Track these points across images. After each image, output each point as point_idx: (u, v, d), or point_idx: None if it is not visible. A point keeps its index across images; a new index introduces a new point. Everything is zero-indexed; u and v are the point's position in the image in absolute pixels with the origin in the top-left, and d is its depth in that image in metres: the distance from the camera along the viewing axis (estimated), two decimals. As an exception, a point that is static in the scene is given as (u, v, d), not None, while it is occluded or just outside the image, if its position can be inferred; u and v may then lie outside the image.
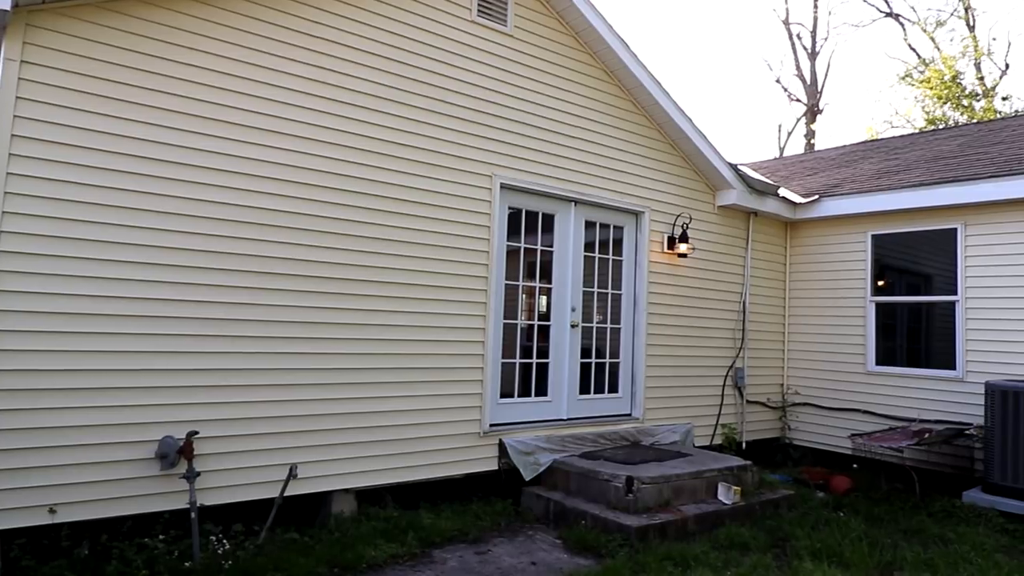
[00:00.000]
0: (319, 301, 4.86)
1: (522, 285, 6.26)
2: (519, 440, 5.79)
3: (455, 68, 5.66)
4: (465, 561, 4.49)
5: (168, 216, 4.28)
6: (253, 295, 4.58)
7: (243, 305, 4.54)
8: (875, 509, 6.05)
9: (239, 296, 4.53)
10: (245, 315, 4.55)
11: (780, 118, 44.01)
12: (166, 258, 4.26)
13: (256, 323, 4.59)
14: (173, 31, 4.34)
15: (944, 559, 4.68)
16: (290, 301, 4.73)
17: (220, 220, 4.46)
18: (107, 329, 4.06)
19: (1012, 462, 5.85)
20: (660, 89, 6.87)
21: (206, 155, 4.43)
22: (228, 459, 4.44)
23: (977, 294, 6.95)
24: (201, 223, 4.39)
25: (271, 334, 4.65)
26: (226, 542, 4.21)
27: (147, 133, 4.22)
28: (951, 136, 9.66)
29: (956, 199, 7.00)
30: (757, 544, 4.91)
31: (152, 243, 4.21)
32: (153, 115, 4.25)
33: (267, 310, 4.64)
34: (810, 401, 8.17)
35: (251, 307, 4.57)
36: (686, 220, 7.25)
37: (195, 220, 4.37)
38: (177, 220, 4.31)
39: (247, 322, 4.55)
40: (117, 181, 4.11)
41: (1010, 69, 26.45)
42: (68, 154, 3.97)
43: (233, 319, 4.50)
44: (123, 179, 4.13)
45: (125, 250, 4.12)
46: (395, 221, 5.25)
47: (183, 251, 4.32)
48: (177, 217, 4.31)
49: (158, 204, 4.24)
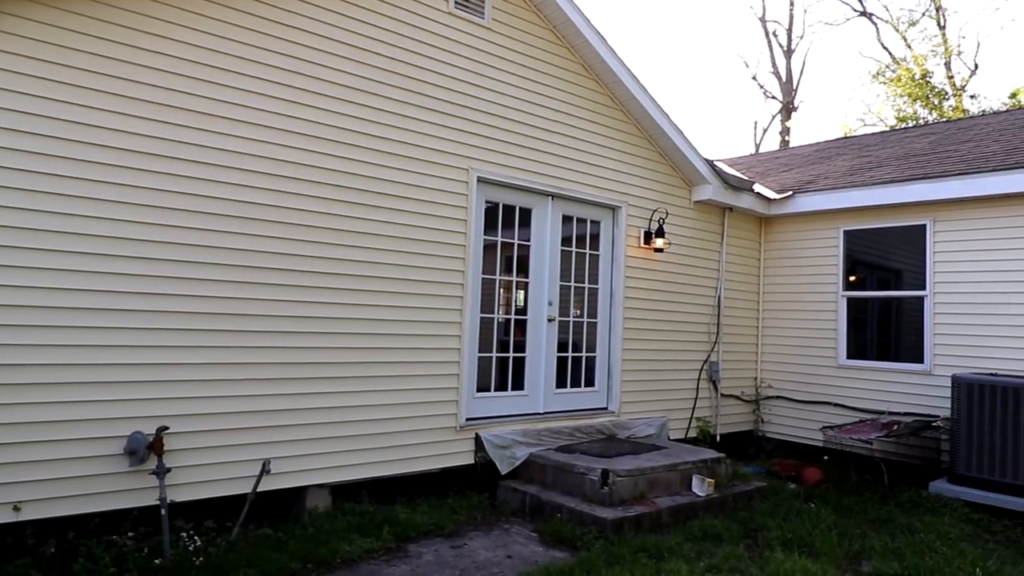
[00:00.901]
0: (291, 294, 4.80)
1: (499, 279, 6.25)
2: (495, 434, 5.79)
3: (432, 60, 5.62)
4: (441, 555, 4.49)
5: (136, 207, 4.18)
6: (224, 288, 4.51)
7: (214, 299, 4.47)
8: (845, 500, 6.16)
9: (210, 289, 4.45)
10: (216, 308, 4.48)
11: (756, 115, 44.55)
12: (133, 250, 4.17)
13: (228, 316, 4.52)
14: (143, 18, 4.24)
15: (911, 548, 4.78)
16: (262, 294, 4.67)
17: (190, 212, 4.38)
18: (72, 323, 3.97)
19: (977, 453, 5.99)
20: (637, 84, 6.89)
21: (176, 146, 4.34)
22: (199, 455, 4.37)
23: (945, 289, 7.09)
24: (170, 214, 4.31)
25: (244, 328, 4.58)
26: (197, 539, 4.15)
27: (111, 122, 4.12)
28: (922, 134, 9.83)
29: (925, 196, 7.13)
30: (730, 535, 4.97)
31: (119, 235, 4.12)
32: (118, 104, 4.15)
33: (239, 303, 4.57)
34: (783, 394, 8.29)
35: (223, 300, 4.50)
36: (662, 215, 7.29)
37: (165, 211, 4.29)
38: (145, 211, 4.22)
39: (218, 315, 4.48)
40: (80, 171, 4.01)
41: (979, 69, 26.96)
42: (26, 142, 3.86)
43: (203, 312, 4.42)
44: (87, 169, 4.03)
45: (89, 241, 4.02)
46: (370, 214, 5.21)
47: (151, 243, 4.24)
48: (145, 208, 4.22)
49: (126, 195, 4.15)
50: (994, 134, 8.39)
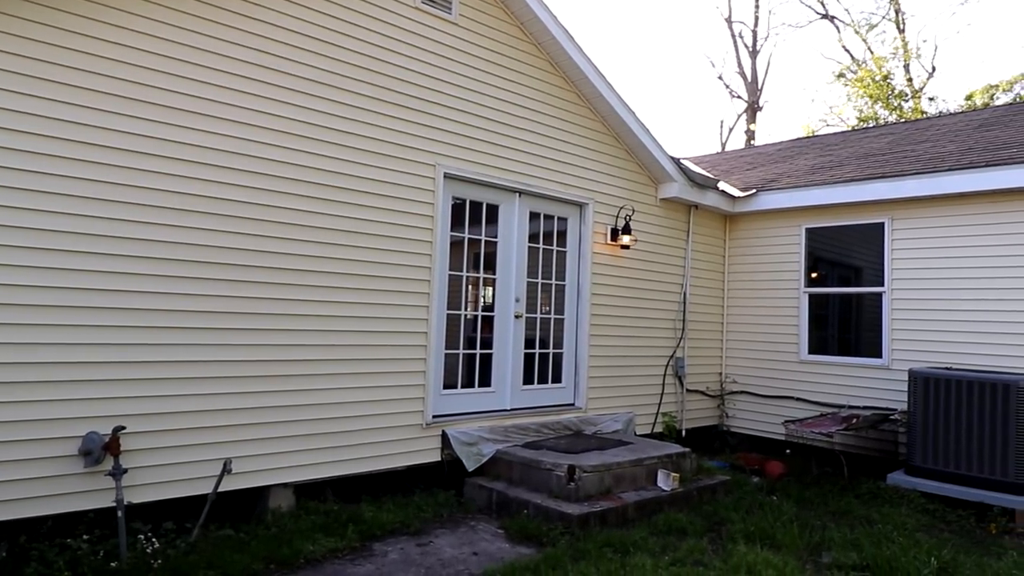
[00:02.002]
0: (254, 291, 4.72)
1: (466, 276, 6.23)
2: (462, 431, 5.78)
3: (398, 55, 5.57)
4: (406, 553, 4.46)
5: (93, 202, 4.06)
6: (184, 284, 4.41)
7: (173, 295, 4.37)
8: (806, 492, 6.28)
9: (169, 285, 4.35)
10: (175, 305, 4.37)
11: (722, 114, 45.09)
12: (86, 245, 4.05)
13: (187, 313, 4.42)
14: (105, 9, 4.12)
15: (869, 539, 4.89)
16: (223, 291, 4.58)
17: (151, 207, 4.27)
18: (21, 320, 3.84)
19: (932, 445, 6.16)
20: (604, 82, 6.92)
21: (135, 139, 4.22)
22: (158, 455, 4.27)
23: (902, 286, 7.27)
24: (130, 209, 4.20)
25: (203, 325, 4.49)
26: (156, 541, 4.06)
27: (73, 115, 4.00)
28: (881, 134, 10.06)
29: (884, 195, 7.30)
30: (694, 529, 5.03)
31: (69, 229, 4.00)
32: (78, 96, 4.02)
33: (198, 300, 4.47)
34: (747, 389, 8.42)
35: (182, 297, 4.40)
36: (629, 212, 7.34)
37: (122, 206, 4.17)
38: (102, 206, 4.10)
39: (178, 312, 4.38)
40: (34, 164, 3.88)
41: (936, 72, 27.73)
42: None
43: (162, 309, 4.32)
44: (42, 162, 3.91)
45: (37, 236, 3.89)
46: (335, 210, 5.14)
47: (110, 238, 4.12)
48: (102, 203, 4.10)
49: (81, 189, 4.03)
50: (950, 135, 8.62)
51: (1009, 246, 6.58)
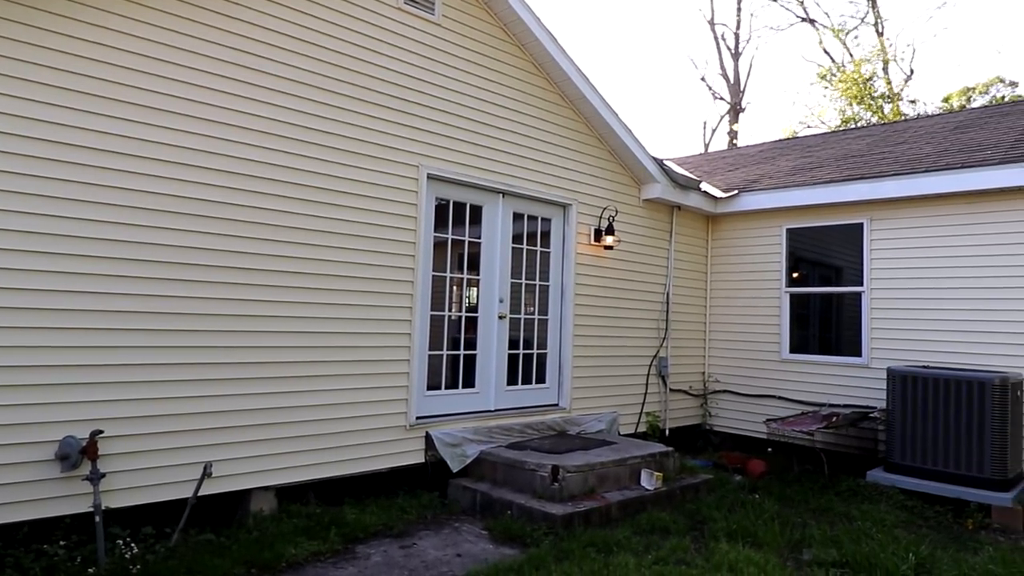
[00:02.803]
0: (234, 292, 4.68)
1: (450, 277, 6.22)
2: (446, 432, 5.76)
3: (381, 55, 5.55)
4: (389, 556, 4.44)
5: (69, 202, 4.01)
6: (163, 286, 4.37)
7: (151, 297, 4.32)
8: (787, 490, 6.34)
9: (147, 287, 4.30)
10: (153, 307, 4.32)
11: (706, 115, 45.39)
12: (61, 246, 4.00)
13: (165, 315, 4.37)
14: (82, 8, 4.06)
15: (848, 535, 4.95)
16: (204, 292, 4.54)
17: (128, 207, 4.22)
18: None
19: (911, 442, 6.24)
20: (587, 83, 6.94)
21: (111, 139, 4.17)
22: (137, 459, 4.22)
23: (881, 285, 7.37)
24: (107, 210, 4.14)
25: (182, 327, 4.44)
26: (134, 546, 4.02)
27: (43, 113, 3.94)
28: (860, 136, 10.18)
29: (863, 196, 7.39)
30: (677, 528, 5.06)
31: (43, 230, 3.94)
32: (48, 94, 3.96)
33: (178, 302, 4.43)
34: (729, 388, 8.48)
35: (160, 299, 4.35)
36: (612, 213, 7.37)
37: (100, 207, 4.12)
38: (79, 207, 4.04)
39: (156, 314, 4.33)
40: (7, 164, 3.82)
41: (915, 74, 28.16)
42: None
43: (140, 311, 4.27)
44: (14, 162, 3.85)
45: (13, 238, 3.83)
46: (318, 211, 5.11)
47: (87, 239, 4.07)
48: (78, 204, 4.04)
49: (57, 190, 3.97)
50: (927, 136, 8.74)
51: (985, 246, 6.69)
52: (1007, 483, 5.80)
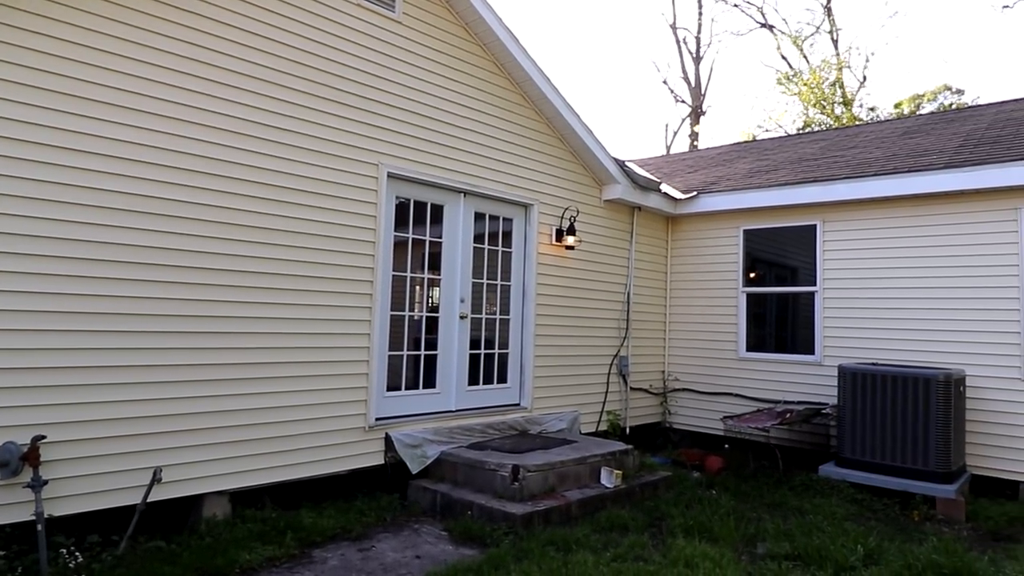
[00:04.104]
0: (187, 292, 4.57)
1: (410, 276, 6.18)
2: (406, 433, 5.72)
3: (341, 52, 5.48)
4: (347, 559, 4.39)
5: (6, 199, 3.86)
6: (110, 286, 4.24)
7: (98, 297, 4.18)
8: (743, 486, 6.46)
9: (93, 287, 4.17)
10: (100, 308, 4.19)
11: (667, 118, 45.96)
12: (7, 245, 3.85)
13: (113, 316, 4.24)
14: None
15: (800, 529, 5.07)
16: (155, 293, 4.42)
17: (74, 205, 4.08)
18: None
19: (860, 437, 6.42)
20: (548, 83, 6.97)
21: (59, 133, 4.03)
22: (82, 464, 4.09)
23: (833, 285, 7.57)
24: (50, 207, 4.00)
25: (132, 328, 4.31)
26: (79, 555, 3.89)
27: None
28: (814, 140, 10.44)
29: (815, 198, 7.58)
30: (636, 524, 5.12)
31: None
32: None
33: (127, 302, 4.30)
34: (688, 387, 8.61)
35: (106, 299, 4.22)
36: (574, 213, 7.41)
37: (43, 204, 3.97)
38: (19, 203, 3.89)
39: (103, 315, 4.20)
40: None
41: (868, 81, 28.96)
42: None
43: (84, 312, 4.13)
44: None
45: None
46: (275, 210, 5.02)
47: (31, 238, 3.92)
48: (19, 200, 3.89)
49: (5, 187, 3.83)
50: (877, 141, 9.01)
51: (930, 248, 6.92)
52: (951, 475, 6.01)
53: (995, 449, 6.46)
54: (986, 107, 9.56)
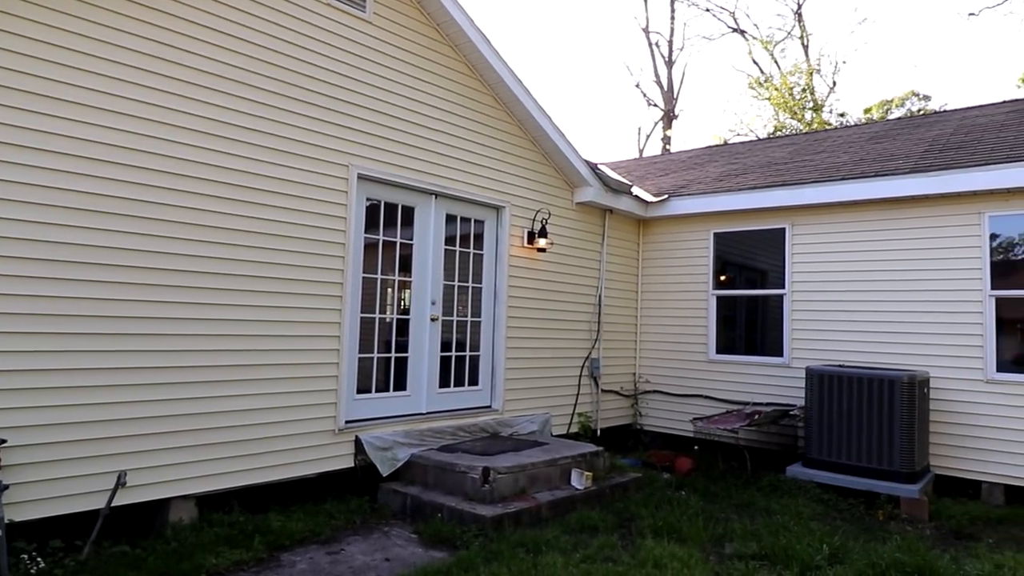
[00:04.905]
0: (152, 294, 4.49)
1: (381, 279, 6.15)
2: (376, 436, 5.69)
3: (310, 52, 5.44)
4: (315, 562, 4.35)
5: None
6: (73, 287, 4.15)
7: (56, 298, 4.10)
8: (712, 487, 6.53)
9: (55, 288, 4.08)
10: (62, 310, 4.11)
11: (640, 121, 46.33)
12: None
13: (75, 318, 4.16)
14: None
15: (767, 529, 5.14)
16: (119, 294, 4.34)
17: (33, 204, 4.00)
18: None
19: (827, 438, 6.53)
20: (520, 85, 6.99)
21: (14, 131, 3.94)
22: (44, 469, 4.00)
23: (801, 288, 7.69)
24: (9, 207, 3.91)
25: (95, 330, 4.24)
26: (40, 560, 3.81)
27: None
28: (783, 144, 10.60)
29: (784, 202, 7.69)
30: (606, 526, 5.15)
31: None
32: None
33: (89, 304, 4.22)
34: (659, 388, 8.69)
35: (68, 300, 4.14)
36: (545, 216, 7.44)
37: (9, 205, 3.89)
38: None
39: (65, 317, 4.12)
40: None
41: (837, 86, 29.53)
42: None
43: (47, 315, 4.05)
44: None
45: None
46: (243, 210, 4.97)
47: None
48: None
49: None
50: (845, 145, 9.18)
51: (896, 251, 7.07)
52: (914, 475, 6.14)
53: (958, 449, 6.62)
54: (952, 113, 9.80)
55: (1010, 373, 6.43)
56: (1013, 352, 6.51)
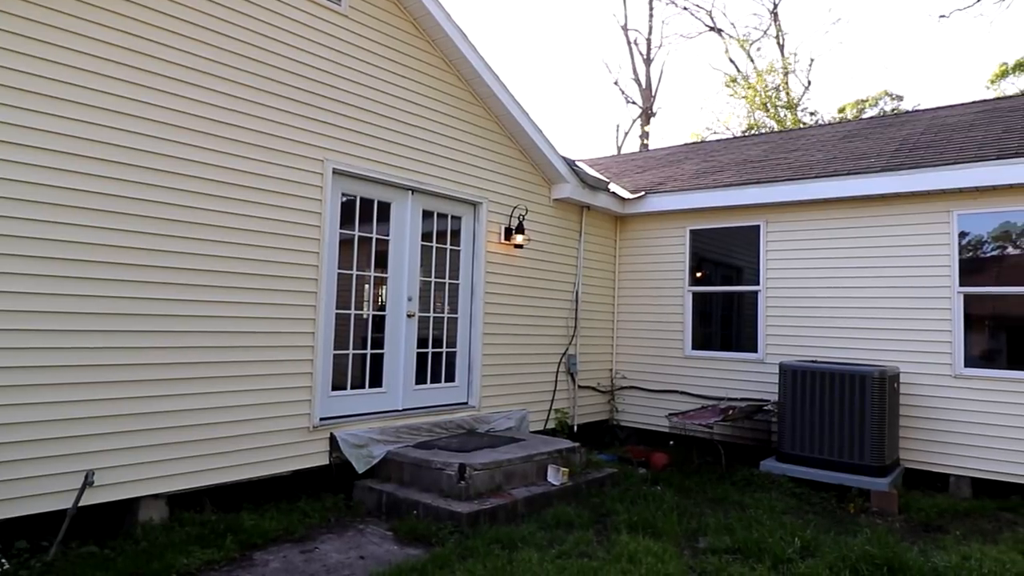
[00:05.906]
0: (122, 290, 4.41)
1: (357, 275, 6.09)
2: (352, 433, 5.65)
3: (285, 46, 5.37)
4: (289, 561, 4.31)
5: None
6: (40, 283, 4.06)
7: (20, 295, 4.00)
8: (687, 481, 6.59)
9: (17, 284, 3.99)
10: (23, 306, 4.01)
11: (619, 118, 46.48)
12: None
13: (40, 315, 4.06)
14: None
15: (741, 523, 5.19)
16: (87, 290, 4.25)
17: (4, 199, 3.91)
18: None
19: (800, 433, 6.62)
20: (497, 81, 6.96)
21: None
22: (6, 469, 3.90)
23: (775, 285, 7.78)
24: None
25: (61, 327, 4.14)
26: (5, 562, 3.74)
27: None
28: (758, 142, 10.70)
29: (759, 199, 7.77)
30: (581, 521, 5.16)
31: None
32: None
33: (58, 300, 4.13)
34: (635, 384, 8.73)
35: (31, 297, 4.04)
36: (523, 212, 7.43)
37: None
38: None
39: (28, 314, 4.02)
40: None
41: (812, 85, 29.91)
42: None
43: (5, 311, 3.95)
44: None
45: None
46: (217, 205, 4.89)
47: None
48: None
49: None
50: (819, 144, 9.29)
51: (868, 248, 7.18)
52: (884, 469, 6.25)
53: (927, 443, 6.74)
54: (923, 112, 9.96)
55: (977, 368, 6.57)
56: (980, 348, 6.64)
